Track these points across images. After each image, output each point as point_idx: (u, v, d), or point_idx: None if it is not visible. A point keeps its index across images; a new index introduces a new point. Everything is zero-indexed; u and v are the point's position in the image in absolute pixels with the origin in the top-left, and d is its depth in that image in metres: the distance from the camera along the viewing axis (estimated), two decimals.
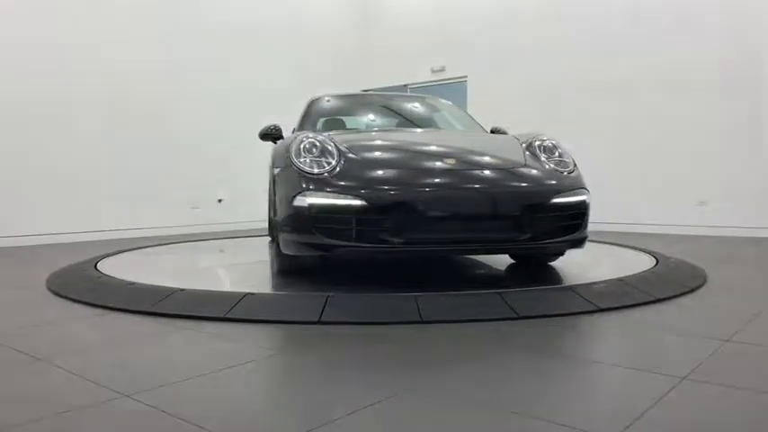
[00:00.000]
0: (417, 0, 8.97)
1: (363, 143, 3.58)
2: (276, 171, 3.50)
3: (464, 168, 3.24)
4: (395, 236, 2.92)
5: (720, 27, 6.47)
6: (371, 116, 4.82)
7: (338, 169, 3.12)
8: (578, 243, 3.29)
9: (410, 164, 3.30)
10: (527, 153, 3.41)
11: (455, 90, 8.30)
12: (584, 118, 7.36)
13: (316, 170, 3.12)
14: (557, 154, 3.42)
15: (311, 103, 4.75)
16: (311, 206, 2.99)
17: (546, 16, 7.69)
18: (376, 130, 4.41)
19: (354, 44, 9.30)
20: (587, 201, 3.24)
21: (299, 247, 3.13)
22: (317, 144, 3.29)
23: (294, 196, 3.05)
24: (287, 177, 3.23)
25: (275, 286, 3.39)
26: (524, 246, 3.11)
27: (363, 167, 3.17)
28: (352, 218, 2.94)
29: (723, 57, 6.45)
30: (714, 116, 6.52)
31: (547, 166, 3.30)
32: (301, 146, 3.27)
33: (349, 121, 4.64)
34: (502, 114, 6.69)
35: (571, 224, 3.18)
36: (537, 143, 3.50)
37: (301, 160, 3.20)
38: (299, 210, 3.02)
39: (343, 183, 3.04)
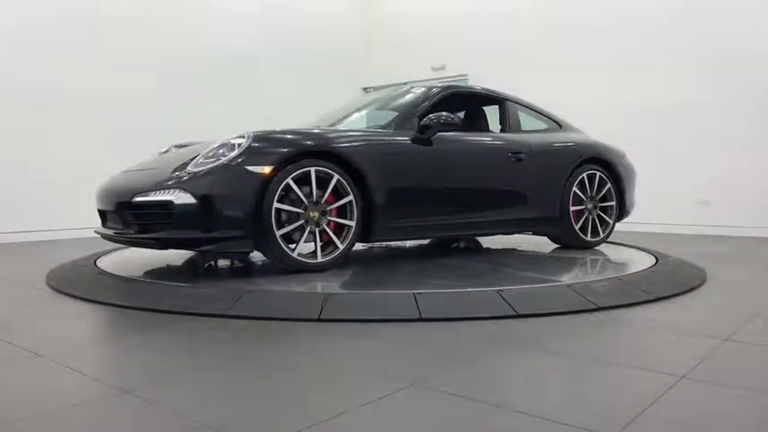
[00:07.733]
0: None
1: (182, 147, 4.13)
2: None
3: (137, 169, 3.63)
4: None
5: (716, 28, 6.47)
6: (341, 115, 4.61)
7: None
8: (156, 243, 3.15)
9: (143, 165, 3.74)
10: (210, 152, 3.23)
11: None
12: (583, 117, 7.34)
13: None
14: (211, 154, 3.20)
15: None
16: None
17: (547, 15, 7.67)
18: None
19: (355, 42, 9.28)
20: (175, 201, 3.01)
21: None
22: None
23: None
24: None
25: (275, 284, 3.39)
26: (137, 239, 3.20)
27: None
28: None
29: (722, 56, 6.44)
30: (715, 115, 6.51)
31: (187, 165, 3.18)
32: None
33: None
34: None
35: (154, 223, 3.12)
36: (224, 141, 3.28)
37: None
38: None
39: None
